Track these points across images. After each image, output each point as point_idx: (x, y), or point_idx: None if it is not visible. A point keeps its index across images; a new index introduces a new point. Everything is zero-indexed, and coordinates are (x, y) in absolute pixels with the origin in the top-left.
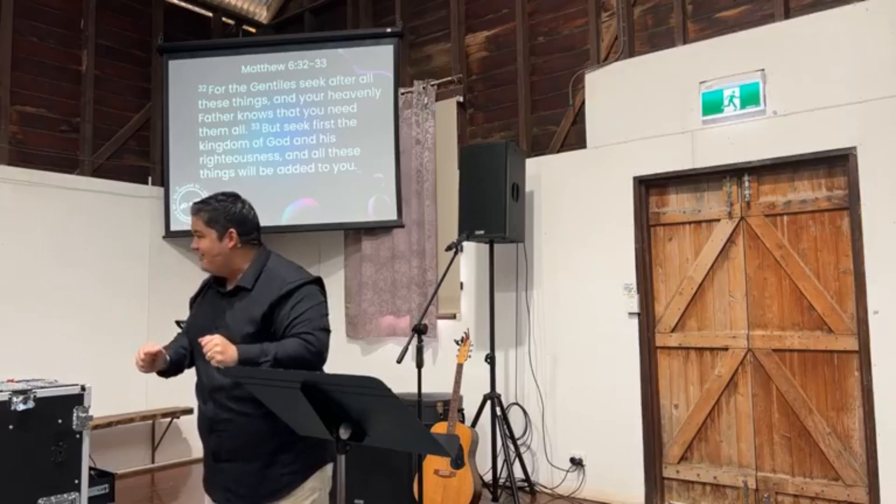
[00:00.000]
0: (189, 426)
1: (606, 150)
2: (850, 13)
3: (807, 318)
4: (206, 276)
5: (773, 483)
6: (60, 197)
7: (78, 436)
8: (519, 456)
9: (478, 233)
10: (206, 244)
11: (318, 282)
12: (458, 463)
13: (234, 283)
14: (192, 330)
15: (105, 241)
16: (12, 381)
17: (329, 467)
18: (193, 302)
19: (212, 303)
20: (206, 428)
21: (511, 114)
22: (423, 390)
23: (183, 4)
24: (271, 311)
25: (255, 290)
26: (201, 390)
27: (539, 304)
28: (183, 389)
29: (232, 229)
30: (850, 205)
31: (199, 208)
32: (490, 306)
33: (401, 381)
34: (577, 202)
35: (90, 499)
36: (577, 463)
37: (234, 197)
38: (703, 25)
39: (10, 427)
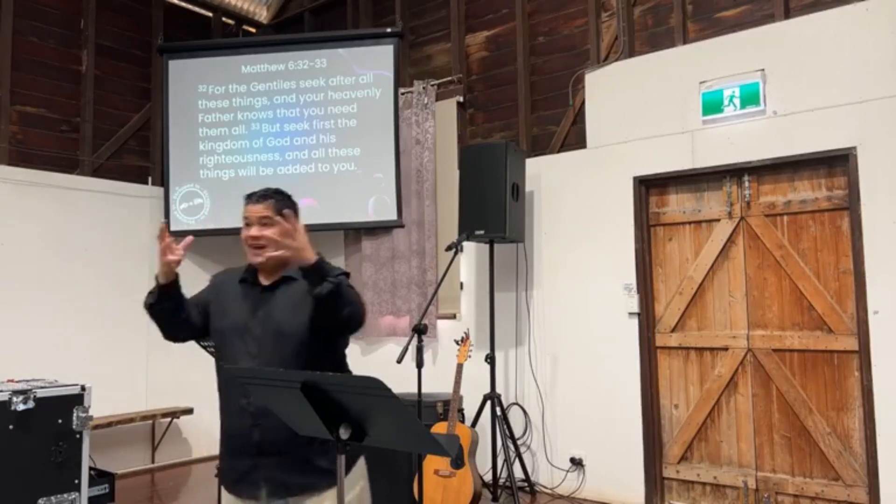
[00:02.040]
0: (189, 426)
1: (606, 150)
2: (850, 13)
3: (807, 318)
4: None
5: (773, 483)
6: (60, 197)
7: (78, 436)
8: (519, 456)
9: (478, 233)
10: (275, 232)
11: (347, 275)
12: (458, 463)
13: (276, 275)
14: (227, 327)
15: (105, 241)
16: (12, 381)
17: (363, 459)
18: (210, 295)
19: (247, 297)
20: (248, 422)
21: (511, 114)
22: (423, 390)
23: (183, 4)
24: None
25: (300, 281)
26: (239, 386)
27: (539, 304)
28: (183, 390)
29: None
30: (850, 205)
31: (266, 196)
32: (490, 306)
33: (401, 381)
34: (577, 202)
35: (90, 499)
36: (577, 463)
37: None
38: (703, 25)
39: (10, 427)
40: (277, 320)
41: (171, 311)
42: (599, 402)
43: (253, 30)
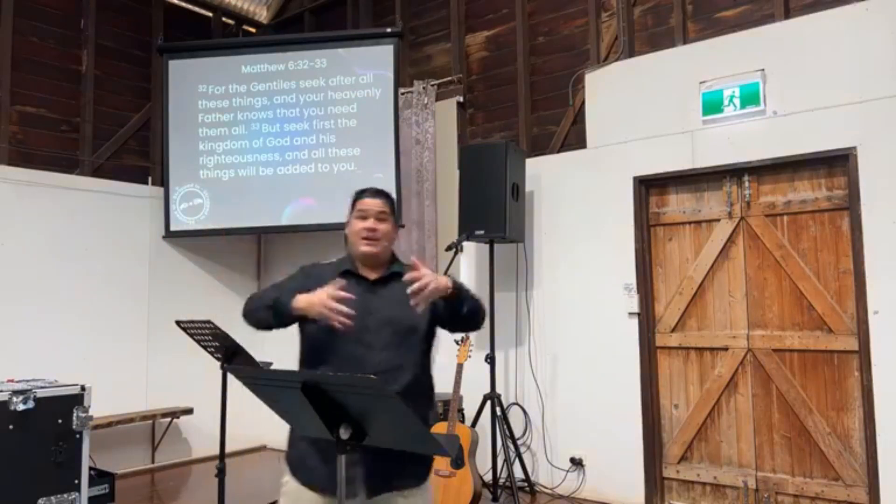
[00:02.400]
0: (189, 426)
1: (606, 150)
2: (850, 13)
3: (807, 318)
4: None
5: (773, 483)
6: (60, 197)
7: (78, 436)
8: (519, 456)
9: (478, 233)
10: (388, 228)
11: None
12: (458, 463)
13: (381, 270)
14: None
15: (105, 241)
16: (12, 381)
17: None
18: (309, 288)
19: (356, 291)
20: None
21: (511, 114)
22: None
23: (183, 4)
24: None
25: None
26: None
27: (539, 304)
28: (183, 390)
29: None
30: (850, 205)
31: (382, 192)
32: (490, 306)
33: None
34: (577, 202)
35: (90, 499)
36: (577, 463)
37: None
38: (703, 25)
39: (10, 427)
40: (394, 315)
41: (281, 324)
42: (599, 401)
43: (253, 30)
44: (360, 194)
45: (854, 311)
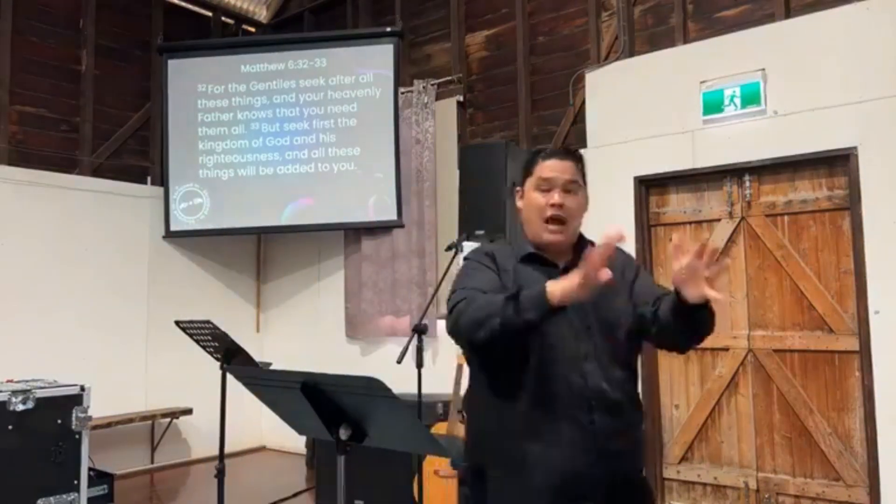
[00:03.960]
0: (188, 426)
1: (606, 150)
2: (850, 13)
3: (807, 319)
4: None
5: (774, 483)
6: (60, 197)
7: (77, 436)
8: None
9: (478, 233)
10: (579, 203)
11: None
12: (458, 463)
13: (570, 253)
14: (553, 323)
15: (105, 241)
16: (12, 381)
17: None
18: (509, 283)
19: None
20: (592, 451)
21: (511, 114)
22: (423, 390)
23: (183, 4)
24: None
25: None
26: (570, 400)
27: None
28: (182, 390)
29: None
30: (851, 205)
31: (570, 152)
32: None
33: (401, 381)
34: None
35: (89, 499)
36: None
37: None
38: (703, 25)
39: (10, 427)
40: (602, 311)
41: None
42: None
43: (252, 29)
44: (537, 155)
45: (855, 311)
